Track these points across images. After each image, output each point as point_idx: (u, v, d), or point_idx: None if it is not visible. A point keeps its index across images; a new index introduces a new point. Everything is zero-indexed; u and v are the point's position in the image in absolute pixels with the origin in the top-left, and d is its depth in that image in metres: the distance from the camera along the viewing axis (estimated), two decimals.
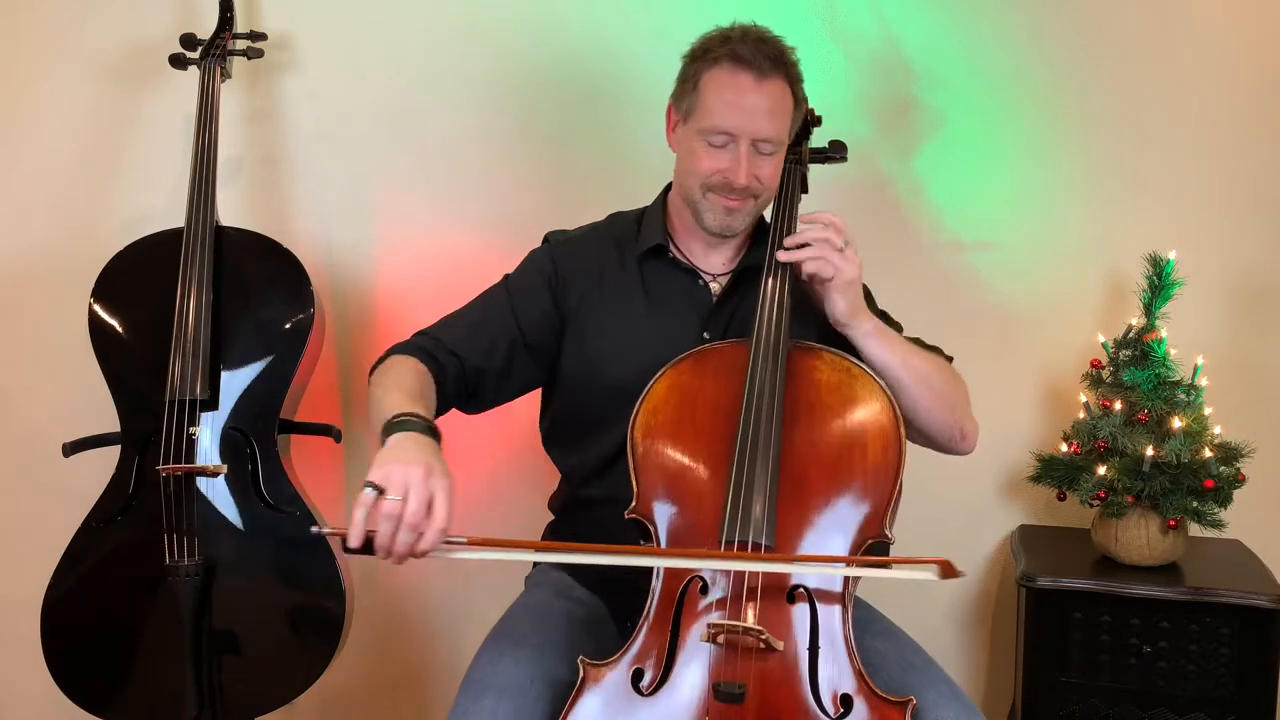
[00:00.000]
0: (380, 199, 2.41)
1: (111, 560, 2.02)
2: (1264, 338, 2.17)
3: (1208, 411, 2.01)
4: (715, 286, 1.70)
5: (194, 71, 2.24)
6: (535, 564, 1.82)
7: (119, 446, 2.07)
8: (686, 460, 1.48)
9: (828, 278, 1.51)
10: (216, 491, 2.03)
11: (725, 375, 1.51)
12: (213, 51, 2.24)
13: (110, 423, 2.09)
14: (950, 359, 1.74)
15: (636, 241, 1.72)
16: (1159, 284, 2.03)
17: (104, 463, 2.08)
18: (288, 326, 2.10)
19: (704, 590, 1.40)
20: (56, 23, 2.43)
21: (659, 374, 1.53)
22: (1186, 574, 2.00)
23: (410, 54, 2.37)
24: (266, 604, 2.02)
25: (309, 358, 2.12)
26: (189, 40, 2.29)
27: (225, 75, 2.26)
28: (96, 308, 2.10)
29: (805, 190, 1.77)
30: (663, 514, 1.46)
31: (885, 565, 1.43)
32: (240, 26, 2.31)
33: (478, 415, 1.75)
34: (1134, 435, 1.99)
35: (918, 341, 1.72)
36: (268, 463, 2.05)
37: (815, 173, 1.82)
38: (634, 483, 1.47)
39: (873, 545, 1.43)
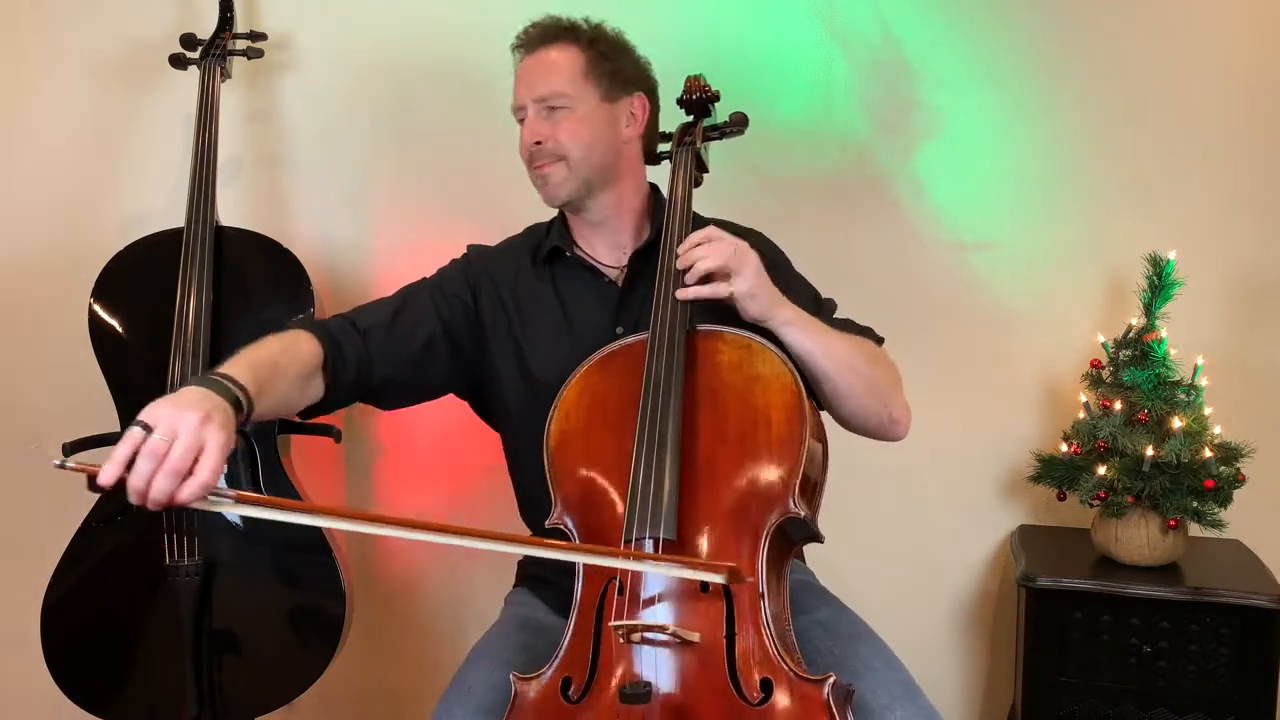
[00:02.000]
0: (380, 199, 2.41)
1: (111, 560, 2.02)
2: (1264, 338, 2.17)
3: (1208, 411, 2.01)
4: (621, 278, 1.70)
5: (194, 71, 2.24)
6: (515, 586, 1.80)
7: None
8: (595, 462, 1.46)
9: (723, 296, 1.49)
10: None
11: (630, 371, 1.49)
12: (213, 51, 2.24)
13: (110, 423, 2.09)
14: (881, 340, 1.70)
15: (543, 246, 1.74)
16: (1159, 284, 2.03)
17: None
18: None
19: (620, 591, 1.38)
20: (57, 23, 2.43)
21: (569, 379, 1.52)
22: (1186, 574, 2.00)
23: (410, 54, 2.36)
24: (266, 604, 2.02)
25: None
26: (189, 40, 2.29)
27: (225, 75, 2.27)
28: (96, 308, 2.10)
29: (705, 169, 1.76)
30: (575, 519, 1.44)
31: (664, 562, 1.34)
32: (240, 26, 2.32)
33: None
34: (1134, 435, 1.98)
35: (848, 324, 1.69)
36: (268, 463, 2.05)
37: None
38: (551, 491, 1.46)
39: (786, 522, 1.39)
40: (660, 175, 1.76)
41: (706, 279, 1.50)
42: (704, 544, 1.38)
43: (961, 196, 2.25)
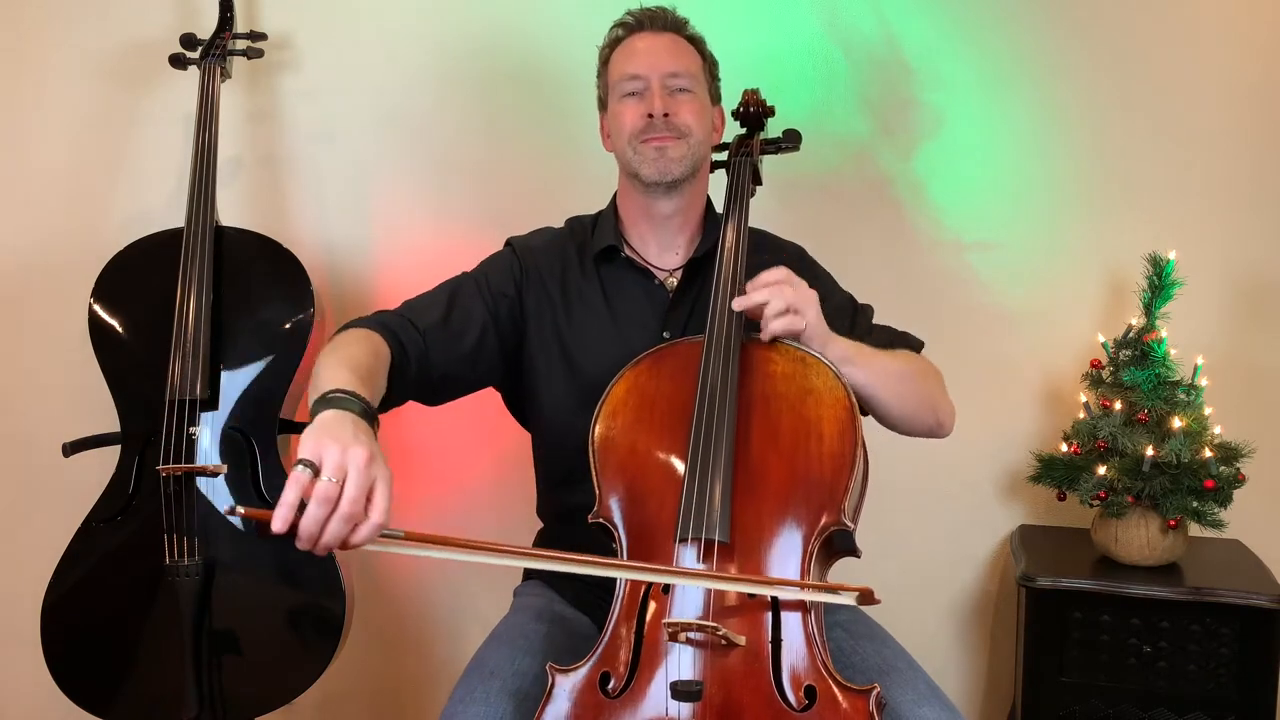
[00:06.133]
0: (380, 199, 2.41)
1: (111, 560, 2.02)
2: (1264, 338, 2.17)
3: (1208, 411, 2.01)
4: (672, 282, 1.72)
5: (194, 71, 2.24)
6: (524, 578, 1.81)
7: (119, 446, 2.07)
8: (644, 460, 1.48)
9: (800, 330, 1.50)
10: (216, 491, 2.03)
11: (681, 374, 1.51)
12: (213, 51, 2.24)
13: (110, 423, 2.09)
14: (920, 344, 1.74)
15: (591, 243, 1.74)
16: (1159, 284, 2.03)
17: (104, 463, 2.08)
18: (288, 326, 2.10)
19: (666, 589, 1.40)
20: (57, 22, 2.43)
21: (617, 377, 1.54)
22: (1186, 574, 2.00)
23: (410, 54, 2.37)
24: (266, 604, 2.02)
25: (309, 358, 2.12)
26: (189, 40, 2.29)
27: (225, 75, 2.27)
28: (96, 308, 2.10)
29: (759, 182, 1.78)
30: (622, 515, 1.45)
31: (800, 588, 1.38)
32: (240, 26, 2.32)
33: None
34: (1134, 435, 1.98)
35: (887, 331, 1.72)
36: (268, 462, 2.05)
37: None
38: (595, 486, 1.47)
39: (834, 533, 1.42)
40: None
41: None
42: (755, 549, 1.40)
43: (961, 196, 2.25)
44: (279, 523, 1.16)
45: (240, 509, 1.19)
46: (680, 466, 1.44)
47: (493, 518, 2.35)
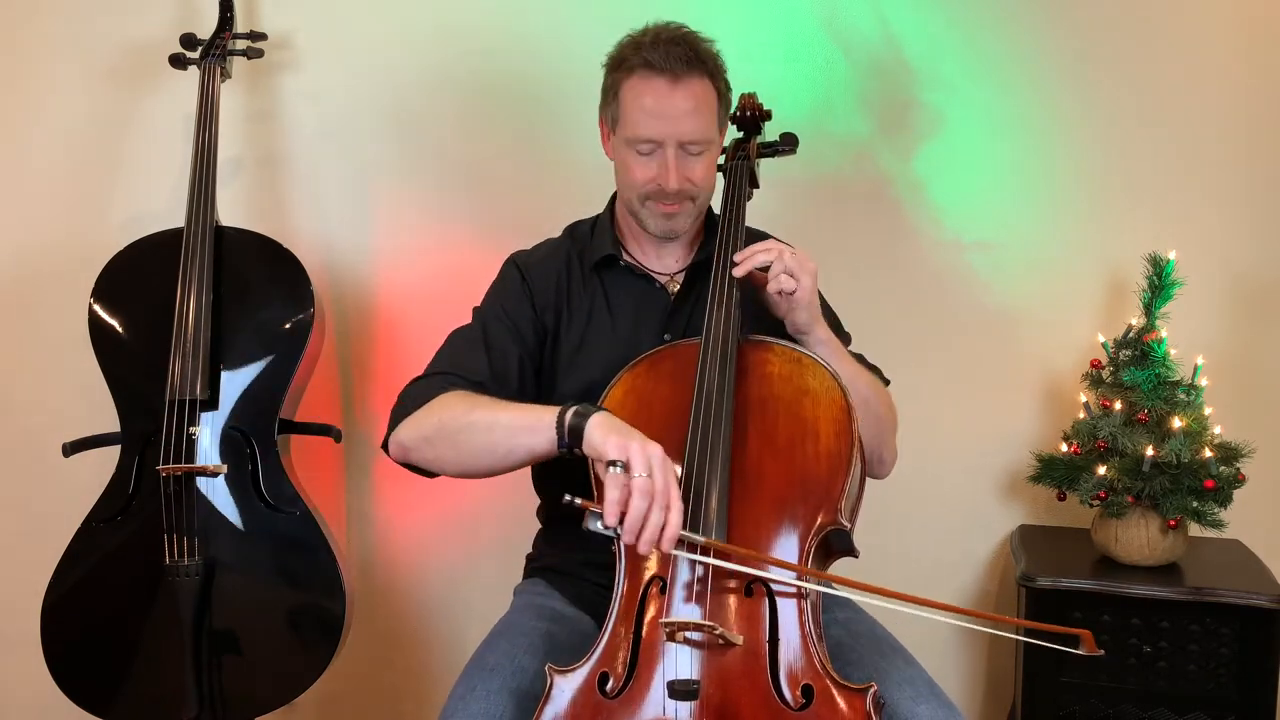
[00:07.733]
0: (380, 199, 2.41)
1: (111, 560, 2.03)
2: (1264, 338, 2.17)
3: (1208, 411, 2.01)
4: (674, 286, 1.72)
5: (194, 71, 2.24)
6: (525, 575, 1.81)
7: (119, 446, 2.07)
8: None
9: (790, 291, 1.50)
10: (216, 491, 2.03)
11: (679, 375, 1.52)
12: (213, 51, 2.24)
13: (110, 423, 2.09)
14: (888, 382, 1.74)
15: (591, 251, 1.73)
16: (1159, 284, 2.03)
17: (104, 463, 2.08)
18: (288, 326, 2.10)
19: (663, 589, 1.40)
20: (57, 23, 2.43)
21: (615, 378, 1.54)
22: (1186, 574, 2.00)
23: (410, 54, 2.37)
24: (266, 604, 2.02)
25: (309, 358, 2.12)
26: (189, 40, 2.29)
27: (225, 75, 2.27)
28: (96, 308, 2.10)
29: (755, 185, 1.78)
30: None
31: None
32: (240, 26, 2.32)
33: None
34: (1134, 435, 1.98)
35: (860, 359, 1.72)
36: (268, 462, 2.05)
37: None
38: (594, 489, 1.46)
39: (831, 533, 1.42)
40: None
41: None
42: (752, 549, 1.40)
43: (961, 196, 2.25)
44: (610, 518, 1.29)
45: (578, 499, 1.32)
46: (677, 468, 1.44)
47: (492, 517, 2.36)
